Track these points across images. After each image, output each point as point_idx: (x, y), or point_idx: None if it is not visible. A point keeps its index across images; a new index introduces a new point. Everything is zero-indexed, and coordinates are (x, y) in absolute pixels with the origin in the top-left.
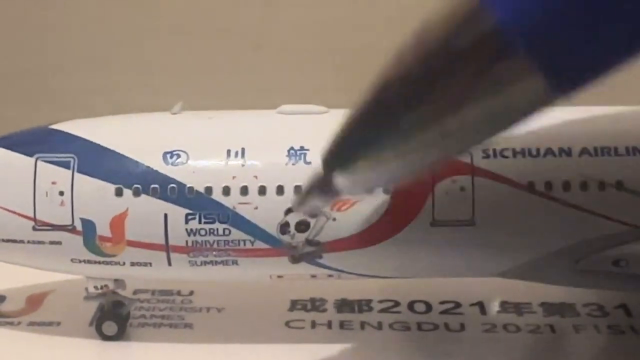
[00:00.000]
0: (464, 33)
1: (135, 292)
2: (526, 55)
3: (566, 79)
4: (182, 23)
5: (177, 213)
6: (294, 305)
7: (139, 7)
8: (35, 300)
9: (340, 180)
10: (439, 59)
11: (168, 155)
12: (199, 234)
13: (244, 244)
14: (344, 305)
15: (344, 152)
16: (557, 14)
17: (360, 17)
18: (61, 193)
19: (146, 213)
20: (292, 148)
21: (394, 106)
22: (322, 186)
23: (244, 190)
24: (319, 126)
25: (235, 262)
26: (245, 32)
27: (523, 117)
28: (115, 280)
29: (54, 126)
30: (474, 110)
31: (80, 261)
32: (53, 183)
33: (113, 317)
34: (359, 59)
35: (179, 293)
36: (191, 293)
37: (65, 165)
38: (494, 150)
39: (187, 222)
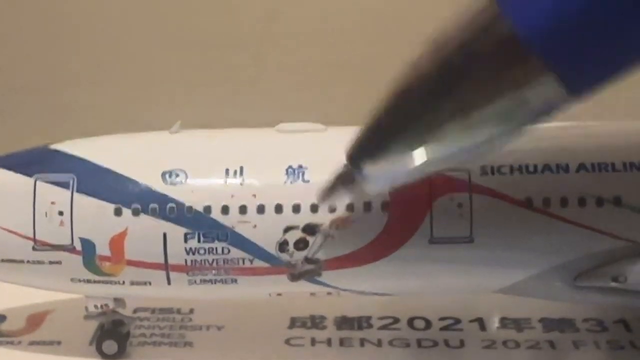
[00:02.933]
0: (482, 37)
1: (135, 311)
2: (541, 58)
3: (580, 81)
4: (181, 41)
5: (176, 232)
6: (293, 322)
7: (138, 25)
8: (35, 319)
9: (364, 173)
10: (459, 62)
11: (167, 175)
12: (198, 252)
13: (243, 263)
14: (343, 322)
15: (370, 146)
16: (571, 18)
17: (361, 31)
18: (60, 213)
19: (145, 232)
20: (290, 166)
21: (417, 104)
22: (346, 180)
23: (243, 209)
24: (317, 144)
25: (234, 281)
26: (244, 50)
27: (538, 117)
28: (115, 299)
29: (53, 146)
30: (491, 109)
31: (80, 281)
32: (52, 203)
33: (113, 335)
34: (360, 75)
35: (178, 311)
36: (191, 311)
37: (64, 185)
38: (492, 167)
39: (186, 241)
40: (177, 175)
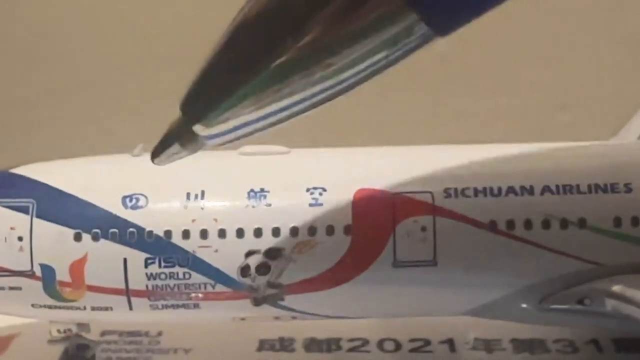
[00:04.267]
0: None
1: (102, 334)
2: None
3: (438, 14)
4: (146, 63)
5: (137, 257)
6: (262, 345)
7: (104, 46)
8: (2, 343)
9: (202, 129)
10: None
11: (127, 199)
12: (159, 278)
13: (205, 288)
14: (312, 344)
15: (206, 93)
16: None
17: None
18: (20, 238)
19: (105, 258)
20: (252, 190)
21: (256, 50)
22: (182, 136)
23: (204, 234)
24: (280, 167)
25: (196, 306)
26: None
27: (401, 54)
28: (79, 324)
29: (14, 170)
30: (350, 51)
31: (41, 306)
32: (12, 228)
33: None
34: None
35: (146, 334)
36: (159, 334)
37: (24, 210)
38: (456, 189)
39: (146, 266)
40: (138, 200)
